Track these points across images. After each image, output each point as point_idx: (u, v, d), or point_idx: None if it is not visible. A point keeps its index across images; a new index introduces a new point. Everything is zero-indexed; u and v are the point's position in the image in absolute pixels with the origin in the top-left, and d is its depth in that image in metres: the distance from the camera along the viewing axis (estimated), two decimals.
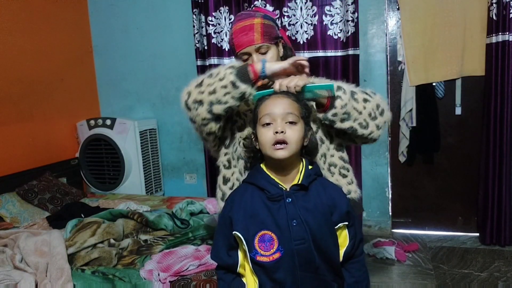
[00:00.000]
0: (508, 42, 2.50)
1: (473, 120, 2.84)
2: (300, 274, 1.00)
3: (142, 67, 3.41)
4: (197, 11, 2.99)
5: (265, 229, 1.00)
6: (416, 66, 2.78)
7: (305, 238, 0.99)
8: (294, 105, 1.03)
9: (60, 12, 3.17)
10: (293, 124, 1.01)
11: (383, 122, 1.19)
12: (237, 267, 1.06)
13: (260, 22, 1.22)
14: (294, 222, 0.99)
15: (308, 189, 1.04)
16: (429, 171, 3.00)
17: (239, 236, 1.02)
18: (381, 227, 3.05)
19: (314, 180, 1.06)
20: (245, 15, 1.25)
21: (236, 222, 1.02)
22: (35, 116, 2.93)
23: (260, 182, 1.04)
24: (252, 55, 1.22)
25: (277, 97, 1.04)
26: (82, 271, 1.78)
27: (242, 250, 1.05)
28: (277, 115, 1.00)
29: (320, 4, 2.80)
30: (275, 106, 1.02)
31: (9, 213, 2.42)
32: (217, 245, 1.09)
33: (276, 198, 1.02)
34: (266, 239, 1.00)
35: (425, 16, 2.72)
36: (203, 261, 1.74)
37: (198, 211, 2.44)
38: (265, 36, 1.21)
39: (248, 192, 1.05)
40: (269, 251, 0.99)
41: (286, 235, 0.99)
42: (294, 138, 1.00)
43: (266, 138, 1.01)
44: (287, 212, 1.00)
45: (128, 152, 3.15)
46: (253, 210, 1.02)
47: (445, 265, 2.54)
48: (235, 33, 1.23)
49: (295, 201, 1.01)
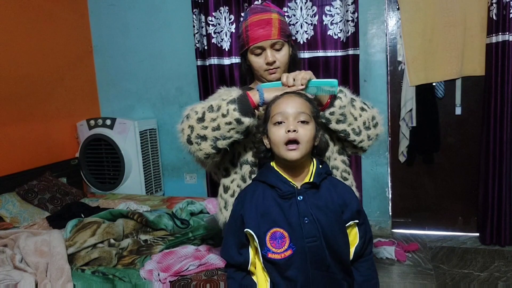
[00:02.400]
0: (508, 42, 2.50)
1: (473, 120, 2.84)
2: (312, 272, 1.00)
3: (142, 67, 3.41)
4: (197, 11, 2.99)
5: (277, 226, 1.01)
6: (416, 66, 2.78)
7: (316, 236, 1.00)
8: (306, 105, 1.03)
9: (60, 12, 3.17)
10: (305, 124, 1.01)
11: (375, 134, 1.22)
12: (247, 265, 1.06)
13: (278, 17, 1.21)
14: (306, 220, 1.00)
15: (319, 188, 1.05)
16: (429, 171, 3.00)
17: (251, 234, 1.02)
18: (381, 227, 3.05)
19: (325, 179, 1.07)
20: (261, 9, 1.23)
21: (248, 220, 1.03)
22: (35, 116, 2.93)
23: (271, 180, 1.05)
24: (266, 49, 1.20)
25: (289, 97, 1.04)
26: (82, 271, 1.78)
27: (254, 248, 1.05)
28: (289, 114, 1.00)
29: (320, 4, 2.80)
30: (288, 105, 1.02)
31: (9, 213, 2.42)
32: (227, 243, 1.09)
33: (287, 196, 1.02)
34: (278, 236, 1.00)
35: (425, 16, 2.72)
36: (203, 261, 1.74)
37: (198, 211, 2.44)
38: (281, 32, 1.20)
39: (259, 190, 1.06)
40: (280, 248, 1.00)
41: (297, 232, 1.00)
42: (306, 138, 1.00)
43: (278, 136, 1.01)
44: (299, 209, 1.01)
45: (128, 152, 3.15)
46: (264, 208, 1.03)
47: (445, 265, 2.54)
48: (251, 26, 1.20)
49: (307, 199, 1.02)
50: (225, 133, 1.09)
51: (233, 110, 1.07)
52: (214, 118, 1.09)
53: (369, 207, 3.04)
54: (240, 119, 1.07)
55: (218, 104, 1.09)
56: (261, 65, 1.22)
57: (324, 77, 3.14)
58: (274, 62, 1.21)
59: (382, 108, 2.92)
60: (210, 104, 1.11)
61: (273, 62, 1.20)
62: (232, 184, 1.26)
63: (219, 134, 1.09)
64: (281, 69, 1.23)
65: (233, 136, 1.10)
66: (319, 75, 2.87)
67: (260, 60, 1.22)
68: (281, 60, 1.22)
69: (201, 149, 1.11)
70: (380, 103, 2.92)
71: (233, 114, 1.07)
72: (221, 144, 1.10)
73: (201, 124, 1.10)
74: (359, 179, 2.94)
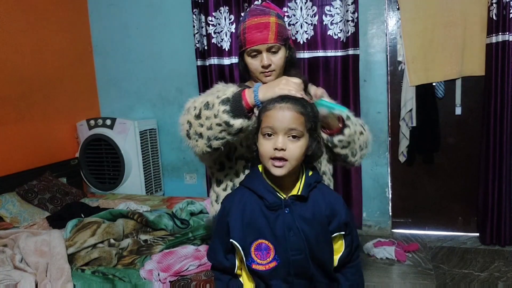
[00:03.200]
0: (508, 42, 2.50)
1: (473, 120, 2.84)
2: (295, 282, 1.00)
3: (142, 67, 3.41)
4: (197, 11, 2.99)
5: (262, 238, 0.99)
6: (416, 66, 2.78)
7: (301, 249, 0.99)
8: (299, 119, 0.96)
9: (60, 12, 3.17)
10: (295, 139, 0.96)
11: (365, 154, 1.31)
12: (234, 269, 1.06)
13: (275, 21, 1.21)
14: (291, 233, 0.98)
15: (307, 199, 1.02)
16: (429, 171, 3.00)
17: (235, 244, 1.01)
18: (381, 227, 3.05)
19: (314, 188, 1.04)
20: (260, 11, 1.23)
21: (233, 229, 1.01)
22: (35, 116, 2.93)
23: (258, 189, 1.02)
24: (262, 53, 1.21)
25: (281, 109, 0.96)
26: (82, 271, 1.78)
27: (239, 256, 1.04)
28: (279, 129, 0.95)
29: (320, 4, 2.80)
30: (278, 120, 0.95)
31: (9, 213, 2.42)
32: (214, 248, 1.08)
33: (274, 208, 1.00)
34: (263, 248, 0.99)
35: (425, 16, 2.72)
36: (203, 261, 1.74)
37: (198, 211, 2.44)
38: (278, 36, 1.20)
39: (245, 198, 1.03)
40: (265, 259, 0.99)
41: (282, 245, 0.98)
42: (294, 155, 0.96)
43: (265, 150, 0.97)
44: (285, 222, 0.99)
45: (128, 152, 3.15)
46: (250, 217, 1.00)
47: (445, 265, 2.54)
48: (248, 28, 1.20)
49: (294, 210, 1.00)
50: (217, 134, 1.08)
51: (222, 112, 1.05)
52: (208, 116, 1.08)
53: (369, 207, 3.04)
54: (229, 122, 1.04)
55: (212, 102, 1.08)
56: (257, 68, 1.23)
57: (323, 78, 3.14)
58: (269, 66, 1.21)
59: (382, 108, 2.92)
60: (206, 101, 1.10)
61: (268, 66, 1.21)
62: (226, 179, 1.27)
63: (212, 134, 1.08)
64: (277, 72, 1.24)
65: (226, 137, 1.08)
66: (319, 75, 2.87)
67: (256, 63, 1.22)
68: (276, 63, 1.22)
69: (198, 146, 1.12)
70: (380, 103, 2.92)
71: (222, 116, 1.04)
72: (215, 144, 1.10)
73: (198, 121, 1.10)
74: (359, 179, 2.94)
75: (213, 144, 1.10)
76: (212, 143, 1.10)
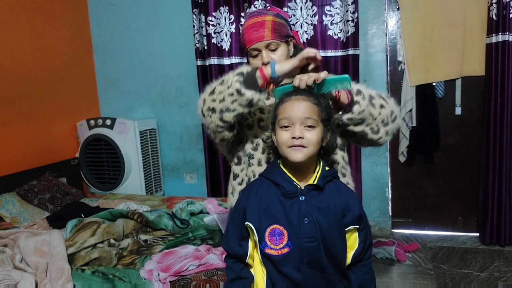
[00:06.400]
0: (508, 42, 2.50)
1: (473, 120, 2.84)
2: (308, 272, 1.01)
3: (142, 67, 3.41)
4: (197, 11, 2.99)
5: (277, 223, 1.02)
6: (416, 66, 2.77)
7: (315, 236, 1.01)
8: (314, 109, 1.02)
9: (60, 12, 3.17)
10: (311, 128, 1.01)
11: (393, 129, 1.21)
12: (246, 257, 1.08)
13: (271, 19, 1.23)
14: (306, 220, 1.01)
15: (323, 189, 1.05)
16: (429, 171, 3.00)
17: (251, 227, 1.04)
18: (381, 227, 3.05)
19: (330, 182, 1.07)
20: (257, 12, 1.26)
21: (250, 213, 1.05)
22: (35, 116, 2.93)
23: (276, 178, 1.06)
24: (262, 51, 1.22)
25: (296, 100, 1.03)
26: (82, 271, 1.78)
27: (253, 241, 1.07)
28: (295, 119, 1.01)
29: (320, 4, 2.80)
30: (294, 110, 1.01)
31: (9, 213, 2.42)
32: (228, 234, 1.11)
33: (290, 195, 1.03)
34: (277, 233, 1.02)
35: (425, 16, 2.72)
36: (203, 261, 1.74)
37: (198, 211, 2.44)
38: (275, 33, 1.22)
39: (264, 186, 1.07)
40: (278, 245, 1.02)
41: (296, 231, 1.01)
42: (312, 141, 1.01)
43: (283, 139, 1.02)
44: (300, 209, 1.02)
45: (128, 152, 3.15)
46: (267, 204, 1.04)
47: (445, 265, 2.54)
48: (246, 29, 1.24)
49: (309, 199, 1.03)
50: (229, 105, 1.11)
51: (235, 81, 1.09)
52: (221, 90, 1.12)
53: (369, 207, 3.04)
54: (241, 90, 1.08)
55: (227, 78, 1.13)
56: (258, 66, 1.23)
57: None
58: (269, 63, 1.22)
59: None
60: (222, 79, 1.15)
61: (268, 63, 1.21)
62: (242, 173, 1.30)
63: (224, 106, 1.12)
64: None
65: (237, 108, 1.11)
66: None
67: (257, 62, 1.24)
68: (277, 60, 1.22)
69: (212, 122, 1.15)
70: None
71: (234, 85, 1.09)
72: (227, 117, 1.13)
73: (211, 97, 1.14)
74: (359, 179, 2.94)
75: (225, 116, 1.13)
76: (224, 115, 1.13)
